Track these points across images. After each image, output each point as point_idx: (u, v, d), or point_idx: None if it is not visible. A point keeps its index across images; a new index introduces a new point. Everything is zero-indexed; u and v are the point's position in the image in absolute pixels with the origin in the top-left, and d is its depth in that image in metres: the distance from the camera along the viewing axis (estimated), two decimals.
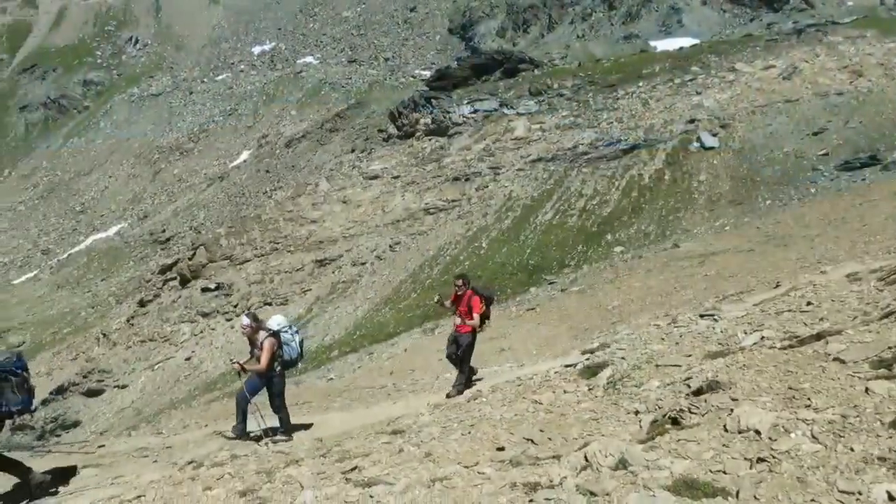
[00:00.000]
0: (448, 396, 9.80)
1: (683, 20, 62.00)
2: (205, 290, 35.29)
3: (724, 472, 3.50)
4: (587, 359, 7.44)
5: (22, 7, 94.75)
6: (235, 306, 33.60)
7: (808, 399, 4.02)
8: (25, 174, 74.37)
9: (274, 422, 9.15)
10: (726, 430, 3.93)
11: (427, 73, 62.44)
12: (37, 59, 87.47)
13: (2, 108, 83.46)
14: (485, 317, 10.36)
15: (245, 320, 8.88)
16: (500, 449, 4.98)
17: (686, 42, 51.38)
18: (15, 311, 51.99)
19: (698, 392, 4.72)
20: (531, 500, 3.69)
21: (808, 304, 6.91)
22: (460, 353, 10.28)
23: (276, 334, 8.71)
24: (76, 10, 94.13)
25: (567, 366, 7.58)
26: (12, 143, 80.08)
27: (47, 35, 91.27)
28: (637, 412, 4.98)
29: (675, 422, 4.39)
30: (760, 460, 3.48)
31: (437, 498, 4.19)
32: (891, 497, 2.96)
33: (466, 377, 10.38)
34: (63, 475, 7.91)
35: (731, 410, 4.12)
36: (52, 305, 51.04)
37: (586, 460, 3.96)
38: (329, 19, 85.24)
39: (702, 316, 8.40)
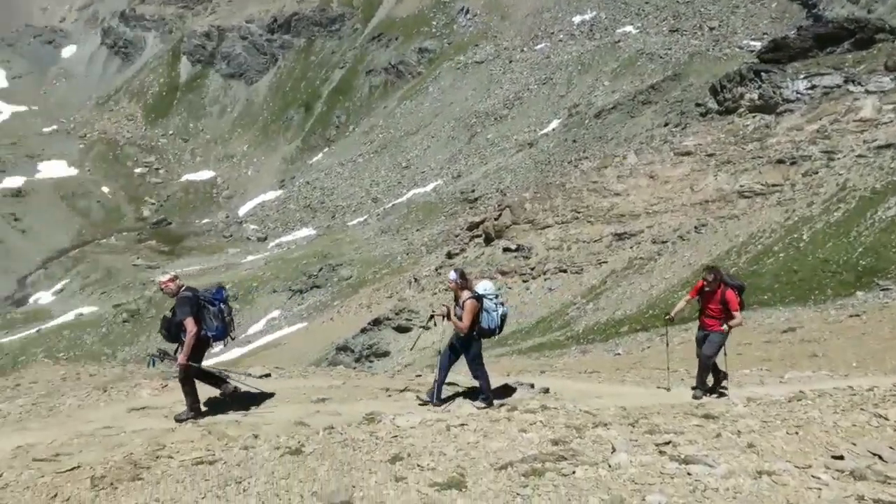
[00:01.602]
0: (694, 398, 9.12)
1: None
2: (506, 249, 37.22)
3: None
4: None
5: None
6: (532, 269, 34.97)
7: None
8: (365, 131, 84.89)
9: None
10: None
11: (757, 44, 57.19)
12: (383, 29, 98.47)
13: (352, 71, 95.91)
14: (739, 307, 9.26)
15: (453, 275, 8.68)
16: (838, 457, 4.56)
17: None
18: (346, 248, 60.28)
19: None
20: None
21: None
22: (709, 353, 9.33)
23: (478, 298, 8.47)
24: None
25: None
26: (357, 103, 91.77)
27: (394, 7, 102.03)
28: None
29: None
30: None
31: (765, 491, 4.01)
32: None
33: (706, 379, 9.54)
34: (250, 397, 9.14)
35: None
36: (375, 247, 58.10)
37: None
38: None
39: None
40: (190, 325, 7.83)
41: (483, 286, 8.65)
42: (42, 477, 5.91)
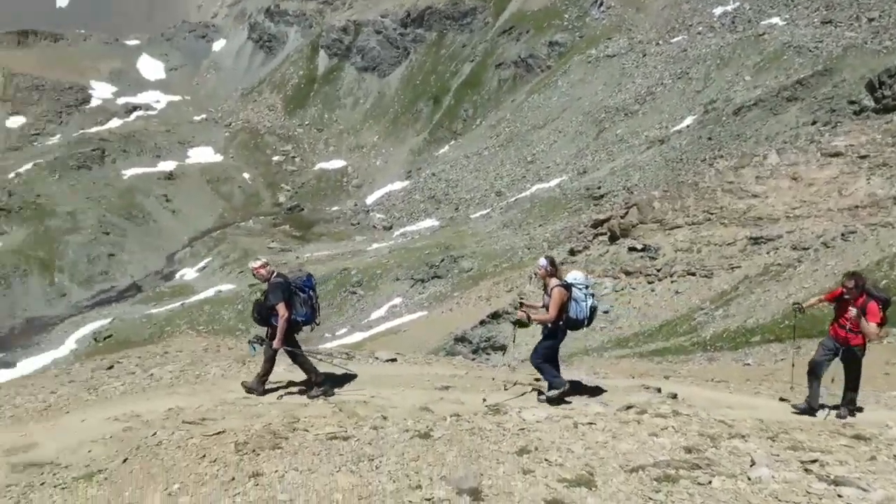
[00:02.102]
0: (839, 417, 8.40)
1: None
2: (631, 249, 36.16)
3: None
4: None
5: None
6: (659, 270, 33.81)
7: None
8: (492, 124, 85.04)
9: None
10: None
11: None
12: (515, 22, 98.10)
13: (482, 65, 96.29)
14: (881, 324, 8.44)
15: (542, 261, 8.60)
16: None
17: None
18: (468, 240, 60.75)
19: None
20: None
21: None
22: (859, 372, 8.60)
23: (567, 286, 8.26)
24: None
25: None
26: (486, 97, 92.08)
27: (526, 0, 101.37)
28: None
29: None
30: None
31: None
32: None
33: (856, 398, 8.74)
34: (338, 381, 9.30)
35: None
36: (496, 241, 58.17)
37: None
38: None
39: None
40: (282, 310, 8.17)
41: (573, 275, 8.62)
42: (191, 438, 6.40)
